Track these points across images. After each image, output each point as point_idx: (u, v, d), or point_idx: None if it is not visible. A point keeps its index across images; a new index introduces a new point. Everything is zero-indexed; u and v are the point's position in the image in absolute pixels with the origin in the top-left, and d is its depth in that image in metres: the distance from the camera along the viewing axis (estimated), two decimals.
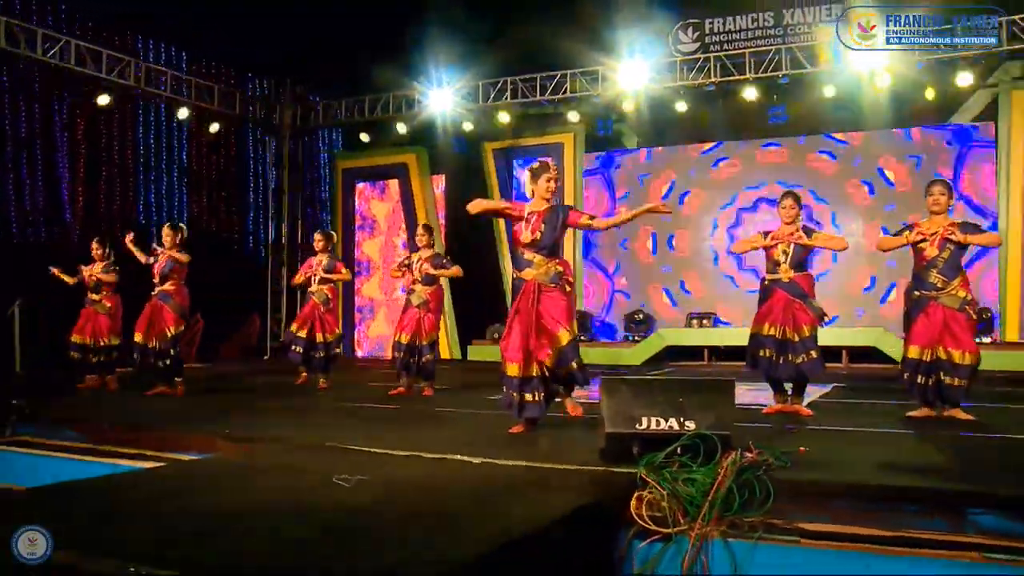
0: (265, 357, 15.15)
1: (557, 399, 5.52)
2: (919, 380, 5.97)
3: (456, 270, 8.33)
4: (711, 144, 14.33)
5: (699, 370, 12.61)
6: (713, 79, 12.41)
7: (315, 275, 8.97)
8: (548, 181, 5.31)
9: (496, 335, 14.64)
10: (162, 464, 4.60)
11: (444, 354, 14.77)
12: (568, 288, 5.35)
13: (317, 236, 9.22)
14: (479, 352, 14.28)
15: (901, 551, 3.29)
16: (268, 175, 15.81)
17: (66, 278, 8.93)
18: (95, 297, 8.77)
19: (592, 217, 5.48)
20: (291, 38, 14.05)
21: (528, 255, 5.31)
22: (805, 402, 6.65)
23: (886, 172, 13.25)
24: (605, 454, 4.04)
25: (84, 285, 8.88)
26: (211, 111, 13.86)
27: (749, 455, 3.78)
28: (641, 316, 14.42)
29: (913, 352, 5.99)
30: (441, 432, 5.55)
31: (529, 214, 5.29)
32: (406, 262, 8.46)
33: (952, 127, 12.94)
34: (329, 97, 15.10)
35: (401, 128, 14.52)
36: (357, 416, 6.66)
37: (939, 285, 5.92)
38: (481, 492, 3.55)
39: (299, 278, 9.36)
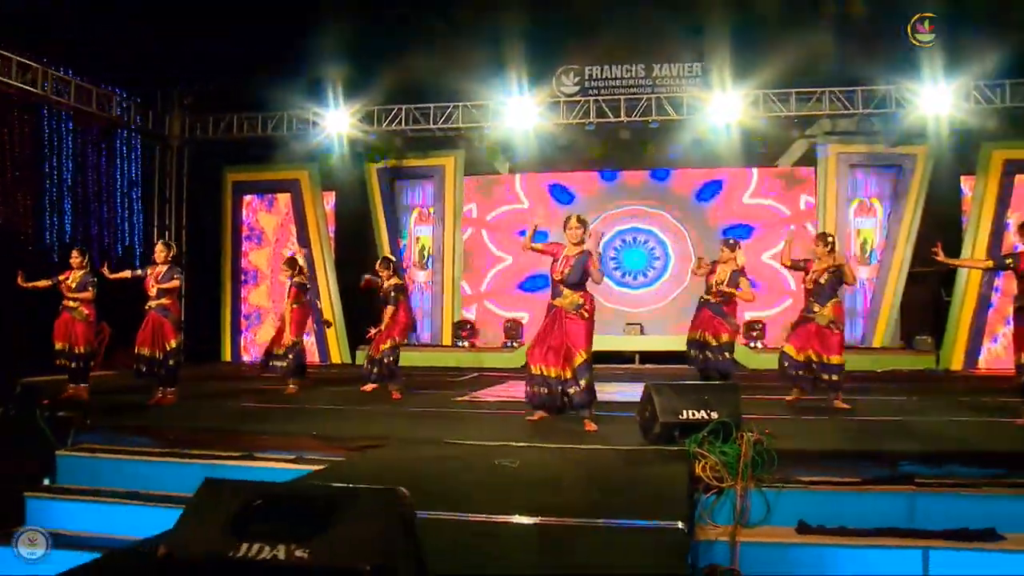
0: None
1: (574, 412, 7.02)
2: (790, 371, 8.29)
3: (397, 305, 9.77)
4: (584, 173, 16.33)
5: None
6: (592, 119, 14.34)
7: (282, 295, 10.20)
8: (568, 231, 6.95)
9: None
10: (317, 465, 5.58)
11: (334, 358, 15.99)
12: (586, 316, 6.89)
13: (283, 267, 10.52)
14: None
15: (843, 488, 5.19)
16: (152, 184, 16.07)
17: (38, 284, 9.22)
18: (72, 304, 9.10)
19: (596, 269, 6.87)
20: (185, 50, 14.48)
21: (560, 287, 6.89)
22: None
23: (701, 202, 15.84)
24: (659, 438, 5.70)
25: (59, 292, 9.14)
26: (91, 114, 13.96)
27: (752, 434, 5.55)
28: (511, 324, 16.11)
29: (789, 350, 8.34)
30: (487, 427, 7.02)
31: (565, 256, 6.88)
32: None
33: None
34: (221, 111, 15.69)
35: (295, 146, 15.44)
36: (388, 415, 7.97)
37: (815, 308, 8.17)
38: (615, 466, 5.16)
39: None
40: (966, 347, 13.99)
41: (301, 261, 10.97)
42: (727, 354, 8.64)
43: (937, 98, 13.02)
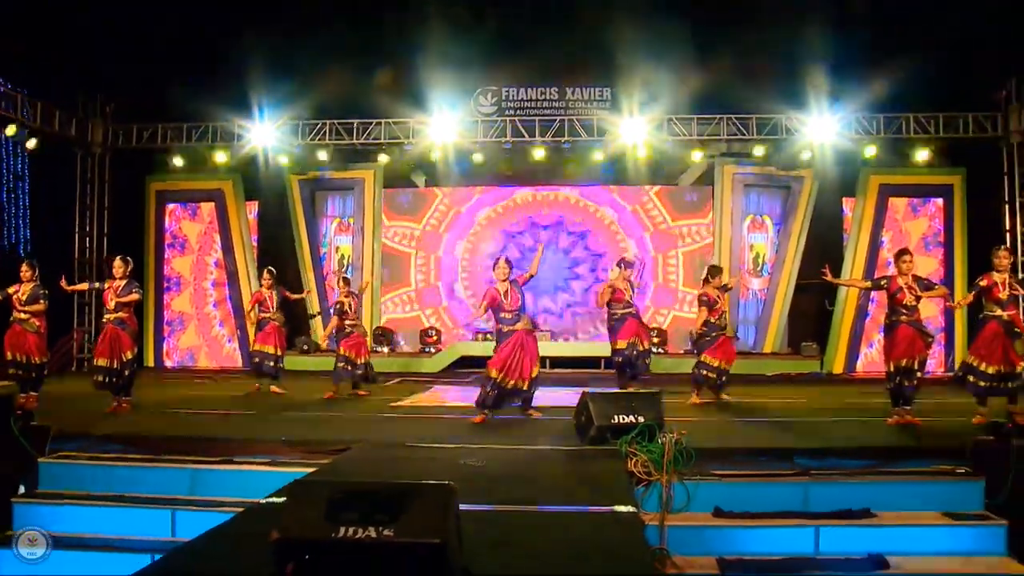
0: (72, 369, 15.71)
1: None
2: (720, 379, 9.73)
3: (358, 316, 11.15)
4: (494, 189, 17.23)
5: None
6: (508, 138, 15.25)
7: (268, 306, 11.33)
8: (498, 270, 8.41)
9: (304, 347, 16.44)
10: (312, 467, 6.17)
11: None
12: (537, 332, 8.33)
13: (265, 276, 11.55)
14: (289, 363, 15.87)
15: (750, 479, 6.21)
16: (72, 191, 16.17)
17: None
18: (22, 316, 9.47)
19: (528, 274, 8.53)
20: (111, 58, 14.70)
21: (512, 316, 8.24)
22: None
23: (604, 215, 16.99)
24: (594, 439, 6.61)
25: (10, 304, 9.49)
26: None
27: (673, 435, 6.51)
28: (434, 332, 16.90)
29: (711, 360, 9.71)
30: (439, 430, 7.78)
31: (505, 292, 8.23)
32: (340, 307, 11.00)
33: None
34: (145, 120, 15.95)
35: (220, 157, 15.84)
36: (345, 420, 8.67)
37: (723, 325, 9.51)
38: (564, 463, 6.06)
39: (251, 309, 11.91)
40: (846, 352, 15.51)
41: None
42: (648, 360, 10.19)
43: (822, 127, 14.45)
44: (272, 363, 11.27)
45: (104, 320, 9.27)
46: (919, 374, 8.15)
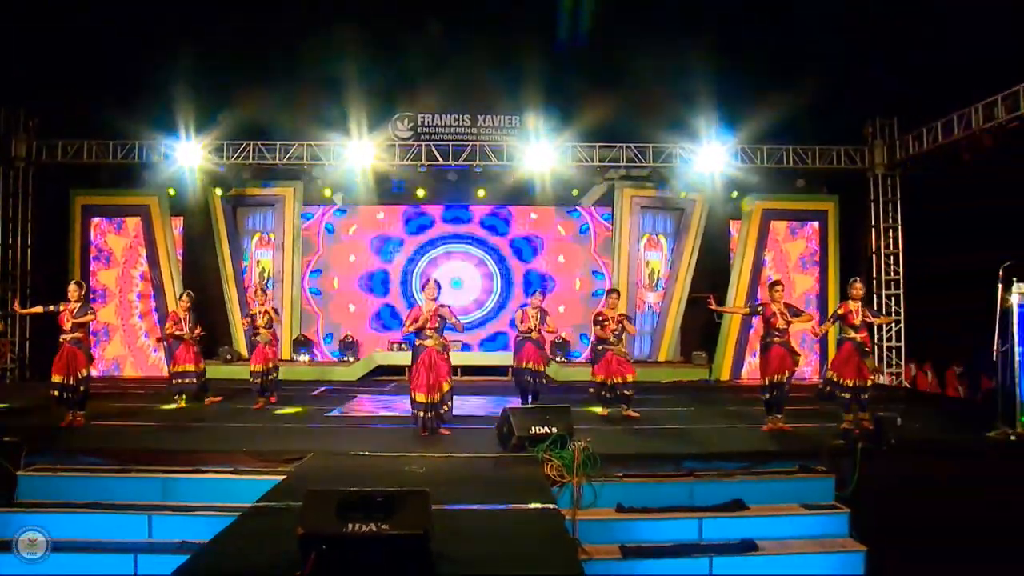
0: None
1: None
2: (604, 394, 10.69)
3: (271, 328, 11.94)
4: (408, 207, 18.23)
5: (403, 383, 16.14)
6: (423, 162, 16.23)
7: (182, 326, 11.72)
8: (426, 291, 9.21)
9: (228, 356, 17.04)
10: (278, 477, 6.93)
11: None
12: (448, 353, 9.13)
13: (184, 298, 12.00)
14: (213, 372, 16.44)
15: (645, 479, 7.42)
16: None
17: None
18: None
19: (454, 320, 9.27)
20: (35, 74, 14.99)
21: (428, 333, 9.02)
22: None
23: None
24: (515, 447, 7.70)
25: None
26: None
27: (581, 443, 7.65)
28: (352, 340, 17.77)
29: (599, 377, 10.73)
30: (378, 440, 8.71)
31: (428, 312, 9.01)
32: (252, 313, 11.88)
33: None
34: (70, 136, 16.28)
35: (146, 174, 16.36)
36: (289, 431, 9.49)
37: (613, 342, 10.59)
38: (492, 468, 7.12)
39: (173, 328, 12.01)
40: (732, 361, 17.02)
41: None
42: (545, 379, 11.34)
43: (712, 156, 15.91)
44: (194, 379, 11.70)
45: (61, 340, 9.89)
46: (787, 386, 9.58)
